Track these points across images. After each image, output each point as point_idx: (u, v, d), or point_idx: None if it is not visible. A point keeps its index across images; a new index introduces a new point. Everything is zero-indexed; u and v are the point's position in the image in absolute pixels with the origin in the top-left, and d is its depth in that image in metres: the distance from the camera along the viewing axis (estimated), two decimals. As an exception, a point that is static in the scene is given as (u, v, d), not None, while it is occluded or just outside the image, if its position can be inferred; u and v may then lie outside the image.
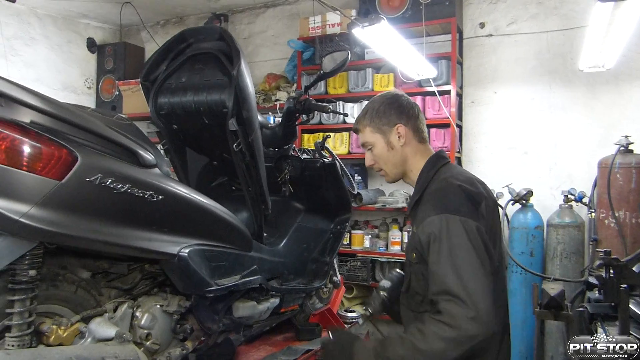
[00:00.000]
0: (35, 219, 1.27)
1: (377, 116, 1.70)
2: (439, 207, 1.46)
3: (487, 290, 1.33)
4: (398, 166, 1.71)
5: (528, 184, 3.86)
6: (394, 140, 1.68)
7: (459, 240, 1.39)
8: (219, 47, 2.10)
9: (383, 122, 1.69)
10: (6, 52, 4.87)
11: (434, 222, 1.43)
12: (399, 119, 1.68)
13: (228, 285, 1.85)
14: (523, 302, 3.76)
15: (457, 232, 1.39)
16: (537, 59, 4.13)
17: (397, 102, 1.71)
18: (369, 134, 1.72)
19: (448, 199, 1.48)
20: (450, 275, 1.34)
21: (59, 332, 1.48)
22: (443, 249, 1.39)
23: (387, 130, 1.68)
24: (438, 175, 1.62)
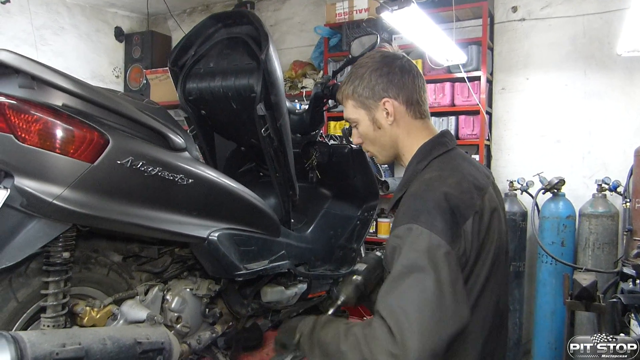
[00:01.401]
0: (68, 202, 1.28)
1: (360, 85, 1.36)
2: (410, 215, 1.18)
3: (434, 327, 1.07)
4: (387, 148, 1.41)
5: (560, 173, 3.76)
6: (381, 117, 1.36)
7: (420, 259, 1.12)
8: (247, 31, 2.09)
9: (367, 95, 1.35)
10: (36, 42, 4.95)
11: (400, 233, 1.17)
12: (387, 90, 1.34)
13: (257, 270, 1.85)
14: (553, 292, 3.69)
15: (421, 248, 1.12)
16: (572, 44, 4.00)
17: (387, 66, 1.35)
18: (351, 109, 1.39)
19: (424, 207, 1.18)
20: (394, 296, 1.11)
21: (92, 314, 1.50)
22: (399, 262, 1.14)
23: (372, 105, 1.36)
24: (427, 170, 1.31)
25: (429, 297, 1.08)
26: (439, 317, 1.08)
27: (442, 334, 1.07)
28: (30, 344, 1.17)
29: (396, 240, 1.18)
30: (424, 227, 1.14)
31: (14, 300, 1.39)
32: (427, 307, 1.08)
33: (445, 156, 1.35)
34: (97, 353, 1.29)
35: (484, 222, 1.24)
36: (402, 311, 1.08)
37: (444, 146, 1.37)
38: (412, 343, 1.05)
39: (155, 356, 1.47)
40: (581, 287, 2.75)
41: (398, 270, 1.13)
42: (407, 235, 1.15)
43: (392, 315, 1.08)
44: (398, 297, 1.10)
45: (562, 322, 3.49)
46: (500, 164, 4.32)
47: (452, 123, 4.12)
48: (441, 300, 1.09)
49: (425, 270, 1.10)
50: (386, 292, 1.13)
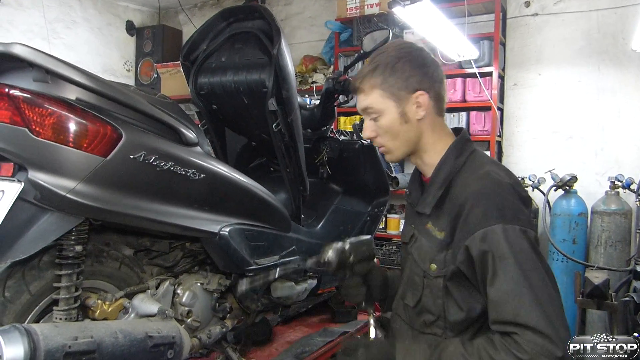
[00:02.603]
0: (81, 195, 1.29)
1: (393, 75, 1.27)
2: (494, 215, 1.14)
3: (563, 313, 1.10)
4: (409, 144, 1.33)
5: (572, 170, 3.73)
6: (411, 111, 1.28)
7: (527, 257, 1.11)
8: (259, 26, 2.08)
9: (400, 86, 1.27)
10: (48, 35, 4.97)
11: (491, 235, 1.13)
12: (422, 82, 1.27)
13: (268, 265, 1.85)
14: (563, 290, 3.59)
15: (522, 247, 1.11)
16: (586, 39, 3.96)
17: (420, 58, 1.29)
18: (377, 99, 1.29)
19: (504, 203, 1.16)
20: (527, 304, 1.07)
21: (104, 307, 1.51)
22: (511, 269, 1.10)
23: (404, 96, 1.27)
24: (470, 166, 1.27)
25: (549, 287, 1.10)
26: (560, 299, 1.11)
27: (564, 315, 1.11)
28: (43, 336, 1.17)
29: (486, 244, 1.13)
30: (514, 223, 1.13)
31: (27, 292, 1.40)
32: (553, 295, 1.10)
33: (477, 152, 1.33)
34: (109, 346, 1.30)
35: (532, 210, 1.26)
36: (547, 315, 1.06)
37: (472, 143, 1.35)
38: (566, 335, 1.07)
39: (166, 350, 1.47)
40: (593, 285, 2.73)
41: (514, 277, 1.10)
42: (501, 237, 1.12)
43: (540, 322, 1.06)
44: (533, 303, 1.07)
45: (573, 321, 3.46)
46: (511, 161, 4.29)
47: (463, 119, 4.10)
48: (553, 282, 1.12)
49: (537, 267, 1.11)
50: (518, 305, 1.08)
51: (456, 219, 1.22)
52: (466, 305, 1.24)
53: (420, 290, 1.32)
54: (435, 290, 1.27)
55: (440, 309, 1.27)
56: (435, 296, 1.27)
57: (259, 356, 2.21)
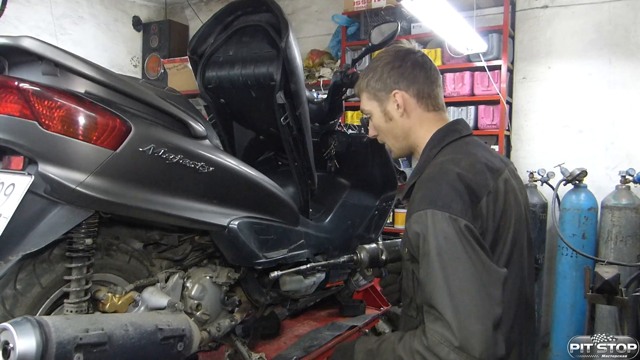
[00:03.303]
0: (91, 188, 1.29)
1: (373, 78, 1.43)
2: (427, 200, 1.20)
3: (483, 306, 1.09)
4: (400, 140, 1.46)
5: (582, 164, 3.70)
6: (392, 109, 1.42)
7: (450, 245, 1.14)
8: (267, 19, 2.07)
9: (379, 87, 1.42)
10: (56, 31, 4.99)
11: (420, 219, 1.19)
12: (397, 82, 1.40)
13: (276, 258, 1.85)
14: (573, 285, 3.65)
15: (447, 233, 1.14)
16: (597, 32, 3.92)
17: (399, 60, 1.41)
18: (366, 101, 1.48)
19: (439, 190, 1.21)
20: (438, 290, 1.12)
21: (114, 300, 1.51)
22: (431, 254, 1.15)
23: (383, 97, 1.42)
24: (439, 155, 1.34)
25: (468, 277, 1.11)
26: (486, 293, 1.11)
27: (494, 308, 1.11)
28: (54, 328, 1.18)
29: (418, 225, 1.19)
30: (444, 210, 1.17)
31: (38, 285, 1.41)
32: (471, 286, 1.11)
33: (458, 142, 1.38)
34: (120, 339, 1.30)
35: (498, 203, 1.25)
36: (453, 301, 1.09)
37: (457, 132, 1.40)
38: (474, 326, 1.07)
39: (176, 343, 1.47)
40: (603, 280, 2.72)
41: (434, 261, 1.14)
42: (429, 221, 1.17)
43: (444, 307, 1.10)
44: (443, 288, 1.11)
45: (582, 316, 3.45)
46: (520, 155, 4.27)
47: (472, 113, 4.07)
48: (480, 273, 1.12)
49: (459, 254, 1.13)
50: (432, 287, 1.13)
51: None
52: None
53: (401, 274, 1.45)
54: (408, 272, 1.35)
55: (411, 291, 1.35)
56: (408, 278, 1.36)
57: (268, 350, 2.21)
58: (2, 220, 1.24)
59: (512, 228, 1.28)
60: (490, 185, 1.25)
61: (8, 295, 1.36)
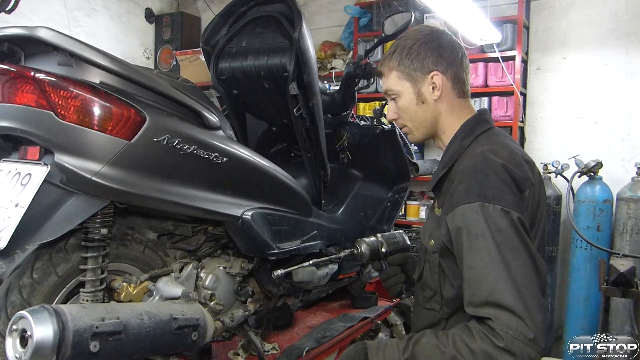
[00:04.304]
0: (106, 178, 1.30)
1: (408, 57, 1.32)
2: (476, 193, 1.15)
3: (540, 297, 1.09)
4: (428, 125, 1.37)
5: (597, 156, 3.65)
6: (427, 92, 1.33)
7: (505, 237, 1.10)
8: (280, 9, 2.06)
9: (415, 67, 1.32)
10: (69, 24, 5.01)
11: (469, 212, 1.14)
12: (436, 64, 1.31)
13: (289, 249, 1.85)
14: (587, 278, 3.62)
15: (501, 226, 1.11)
16: (614, 21, 3.85)
17: (437, 40, 1.33)
18: (395, 80, 1.36)
19: (488, 182, 1.16)
20: (503, 283, 1.07)
21: (129, 290, 1.52)
22: (488, 248, 1.10)
23: (419, 77, 1.32)
24: (474, 146, 1.28)
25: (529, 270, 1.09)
26: (540, 284, 1.11)
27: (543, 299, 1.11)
28: (71, 317, 1.19)
29: (463, 219, 1.14)
30: (496, 203, 1.13)
31: (54, 274, 1.42)
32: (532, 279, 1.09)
33: (489, 132, 1.34)
34: (135, 327, 1.31)
35: (536, 196, 1.24)
36: (520, 295, 1.06)
37: (486, 123, 1.36)
38: (540, 319, 1.05)
39: (190, 332, 1.48)
40: (618, 273, 2.69)
41: (491, 256, 1.10)
42: (480, 214, 1.12)
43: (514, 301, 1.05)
44: (508, 283, 1.07)
45: (596, 308, 3.42)
46: (534, 147, 4.23)
47: (485, 104, 4.04)
48: (536, 266, 1.11)
49: (517, 248, 1.10)
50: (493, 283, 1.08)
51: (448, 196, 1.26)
52: (457, 282, 1.25)
53: (422, 266, 1.39)
54: (433, 265, 1.31)
55: (436, 284, 1.31)
56: (432, 271, 1.32)
57: (280, 340, 2.22)
58: (19, 210, 1.25)
59: (543, 218, 1.28)
60: (531, 178, 1.23)
61: (25, 284, 1.37)
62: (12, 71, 1.31)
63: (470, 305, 1.12)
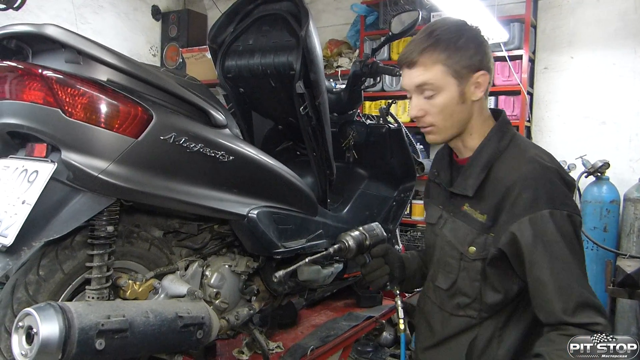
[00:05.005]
0: (113, 176, 1.30)
1: (457, 52, 1.22)
2: (544, 201, 1.15)
3: None
4: (460, 125, 1.30)
5: (604, 156, 3.63)
6: (469, 91, 1.26)
7: (573, 242, 1.15)
8: (287, 8, 2.06)
9: (464, 64, 1.23)
10: (76, 20, 5.02)
11: (540, 221, 1.14)
12: (483, 62, 1.24)
13: (295, 248, 1.85)
14: (593, 279, 3.59)
15: (569, 231, 1.15)
16: (622, 20, 3.82)
17: (481, 37, 1.26)
18: (439, 74, 1.23)
19: (552, 188, 1.16)
20: (587, 287, 1.13)
21: (134, 287, 1.52)
22: (564, 255, 1.13)
23: (466, 75, 1.23)
24: (514, 150, 1.26)
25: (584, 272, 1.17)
26: None
27: None
28: (77, 314, 1.19)
29: (537, 228, 1.15)
30: (563, 209, 1.16)
31: (61, 272, 1.42)
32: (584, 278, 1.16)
33: (518, 135, 1.32)
34: (140, 325, 1.31)
35: None
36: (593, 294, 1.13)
37: (512, 126, 1.34)
38: None
39: (195, 330, 1.48)
40: (625, 274, 2.67)
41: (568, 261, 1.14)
42: (551, 222, 1.14)
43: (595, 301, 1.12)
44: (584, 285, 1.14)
45: (603, 310, 3.40)
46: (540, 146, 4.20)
47: (492, 103, 4.02)
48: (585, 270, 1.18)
49: (578, 251, 1.16)
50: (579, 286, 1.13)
51: (501, 203, 1.22)
52: (503, 287, 1.26)
53: (455, 273, 1.32)
54: (473, 273, 1.28)
55: (477, 291, 1.28)
56: (473, 279, 1.28)
57: (285, 339, 2.22)
58: (25, 207, 1.25)
59: None
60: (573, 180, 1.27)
61: (31, 281, 1.38)
62: (20, 68, 1.31)
63: (564, 314, 1.12)
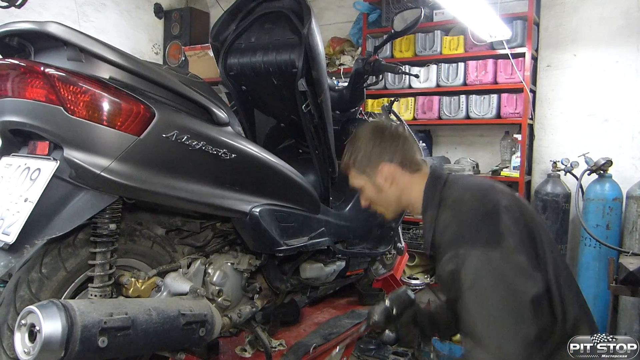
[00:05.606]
0: (115, 174, 1.30)
1: (359, 156, 1.53)
2: (454, 242, 1.28)
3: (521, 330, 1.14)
4: (395, 204, 1.55)
5: (607, 154, 3.61)
6: (381, 181, 1.50)
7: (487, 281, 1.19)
8: (289, 5, 2.06)
9: (365, 163, 1.52)
10: (79, 18, 5.02)
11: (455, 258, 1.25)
12: (382, 156, 1.50)
13: (297, 246, 1.85)
14: (596, 276, 3.58)
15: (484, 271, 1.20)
16: (625, 18, 3.81)
17: (379, 135, 1.52)
18: (355, 177, 1.57)
19: (461, 229, 1.29)
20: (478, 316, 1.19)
21: (137, 285, 1.53)
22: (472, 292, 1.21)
23: (371, 172, 1.51)
24: (445, 200, 1.40)
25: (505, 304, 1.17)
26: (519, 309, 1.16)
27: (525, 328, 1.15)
28: (79, 312, 1.19)
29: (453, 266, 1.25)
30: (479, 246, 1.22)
31: (63, 269, 1.43)
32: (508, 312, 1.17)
33: (448, 182, 1.44)
34: (143, 323, 1.32)
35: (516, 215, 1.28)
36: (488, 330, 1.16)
37: (441, 177, 1.47)
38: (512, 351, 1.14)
39: (198, 328, 1.49)
40: (628, 272, 2.66)
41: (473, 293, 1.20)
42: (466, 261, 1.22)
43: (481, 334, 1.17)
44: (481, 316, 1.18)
45: (605, 307, 3.40)
46: (543, 144, 4.20)
47: (494, 101, 4.01)
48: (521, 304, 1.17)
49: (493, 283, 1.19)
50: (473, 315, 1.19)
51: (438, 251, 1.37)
52: None
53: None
54: None
55: None
56: None
57: (287, 336, 2.22)
58: (28, 205, 1.26)
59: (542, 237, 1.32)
60: (500, 201, 1.29)
61: (34, 279, 1.38)
62: (22, 66, 1.31)
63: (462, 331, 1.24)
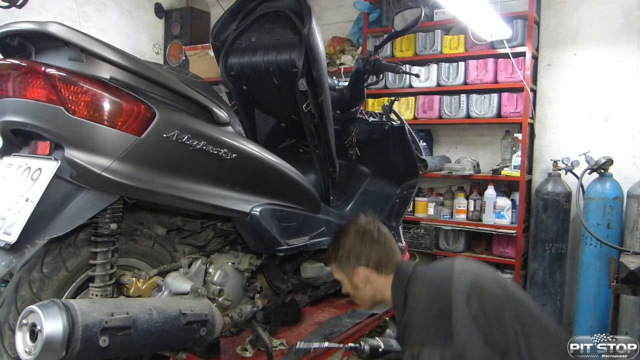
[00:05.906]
0: (116, 174, 1.30)
1: (339, 255, 1.69)
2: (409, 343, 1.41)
3: None
4: (370, 299, 1.69)
5: (608, 153, 3.61)
6: (357, 280, 1.66)
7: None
8: (290, 5, 2.06)
9: (344, 263, 1.68)
10: (79, 18, 5.02)
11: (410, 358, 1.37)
12: (358, 260, 1.65)
13: (298, 245, 1.85)
14: (597, 275, 3.59)
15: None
16: (625, 17, 3.80)
17: (360, 238, 1.67)
18: (335, 271, 1.73)
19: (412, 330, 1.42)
20: None
21: (138, 285, 1.53)
22: None
23: (349, 272, 1.67)
24: (407, 298, 1.53)
25: None
26: None
27: None
28: (80, 311, 1.20)
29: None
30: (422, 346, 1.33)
31: (64, 269, 1.43)
32: None
33: (411, 280, 1.54)
34: (144, 322, 1.32)
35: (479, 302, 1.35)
36: None
37: (405, 274, 1.57)
38: None
39: (199, 327, 1.49)
40: (628, 271, 2.67)
41: None
42: None
43: None
44: None
45: (606, 306, 3.40)
46: (543, 143, 4.20)
47: (495, 100, 4.01)
48: None
49: None
50: None
51: None
52: None
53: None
54: None
55: None
56: None
57: (288, 336, 2.22)
58: (29, 205, 1.26)
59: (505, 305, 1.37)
60: (456, 295, 1.36)
61: (35, 279, 1.38)
62: (23, 66, 1.31)
63: None
